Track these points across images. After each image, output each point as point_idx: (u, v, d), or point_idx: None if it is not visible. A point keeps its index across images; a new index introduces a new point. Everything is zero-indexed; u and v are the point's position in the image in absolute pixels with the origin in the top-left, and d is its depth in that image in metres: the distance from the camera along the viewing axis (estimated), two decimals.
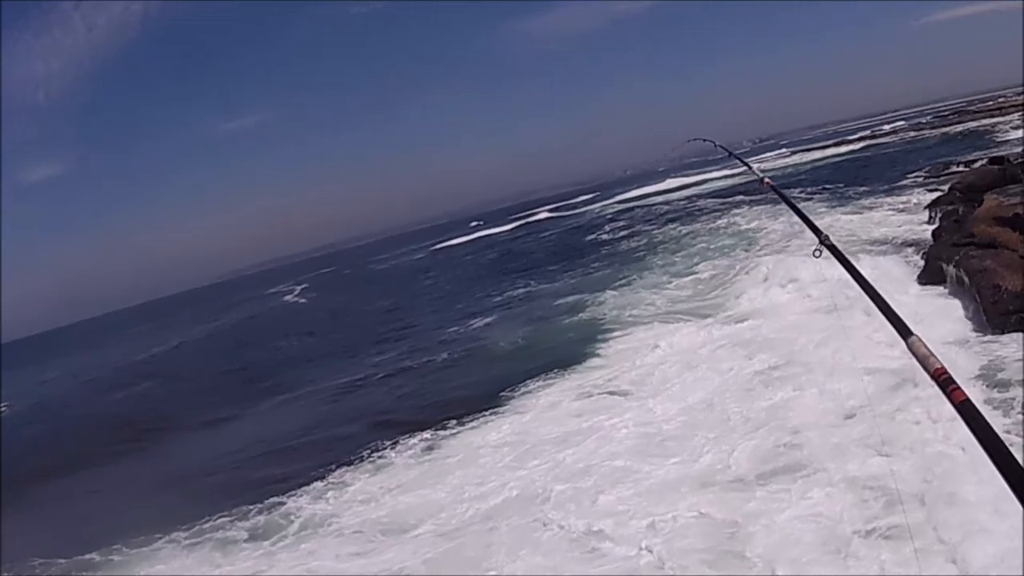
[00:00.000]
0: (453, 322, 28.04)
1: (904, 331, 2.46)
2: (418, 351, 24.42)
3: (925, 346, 2.30)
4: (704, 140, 8.76)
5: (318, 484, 13.41)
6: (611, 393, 14.35)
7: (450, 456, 13.24)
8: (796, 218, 4.88)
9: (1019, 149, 31.87)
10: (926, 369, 2.22)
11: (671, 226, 39.86)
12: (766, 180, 6.91)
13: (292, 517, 12.31)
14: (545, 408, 14.45)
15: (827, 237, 3.87)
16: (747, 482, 9.50)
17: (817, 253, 3.94)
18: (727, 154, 7.80)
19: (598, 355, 17.02)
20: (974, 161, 33.51)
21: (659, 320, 18.89)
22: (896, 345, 2.44)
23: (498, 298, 31.68)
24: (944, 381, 2.12)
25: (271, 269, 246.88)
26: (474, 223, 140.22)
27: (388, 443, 14.66)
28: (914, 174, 37.56)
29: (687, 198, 59.72)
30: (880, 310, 2.74)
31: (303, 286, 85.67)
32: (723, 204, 44.00)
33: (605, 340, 18.05)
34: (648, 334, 17.71)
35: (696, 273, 23.67)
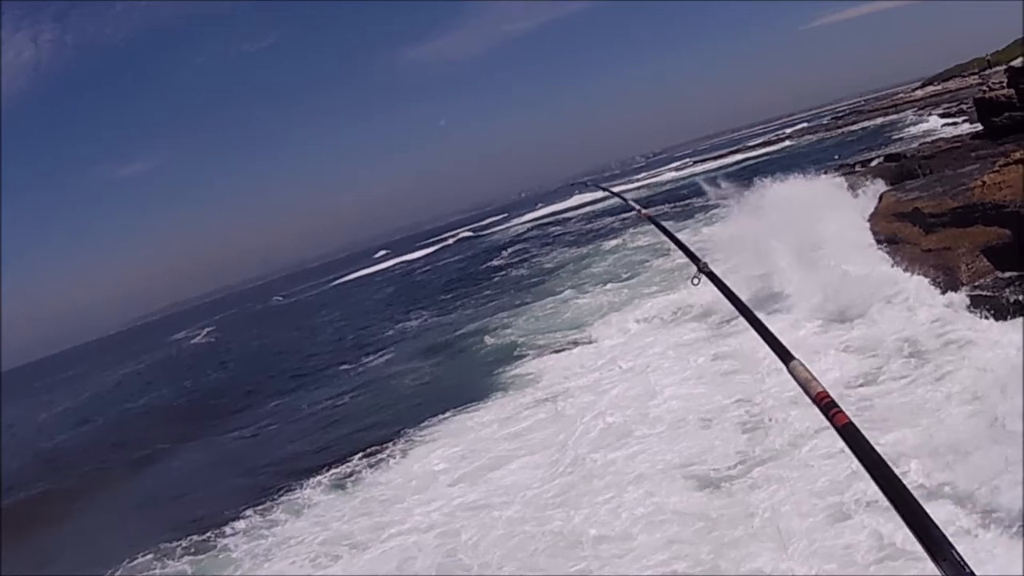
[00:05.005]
0: (352, 359, 27.91)
1: (785, 356, 2.41)
2: (320, 390, 24.13)
3: (807, 370, 2.26)
4: (585, 183, 8.88)
5: (241, 523, 12.88)
6: (530, 408, 14.24)
7: (376, 488, 12.88)
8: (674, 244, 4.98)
9: (915, 145, 32.80)
10: (807, 393, 2.18)
11: (573, 246, 40.25)
12: (643, 212, 7.14)
13: (233, 549, 11.92)
14: (458, 435, 14.12)
15: (706, 264, 4.06)
16: (712, 479, 9.42)
17: (695, 281, 4.06)
18: (606, 192, 7.97)
19: (502, 385, 16.61)
20: (871, 160, 34.22)
21: (568, 341, 18.82)
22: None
23: (392, 332, 31.77)
24: (826, 405, 2.08)
25: (175, 313, 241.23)
26: (381, 252, 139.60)
27: (302, 484, 14.19)
28: (813, 175, 38.30)
29: (589, 216, 60.08)
30: (760, 335, 2.69)
31: (209, 328, 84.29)
32: (626, 221, 44.49)
33: (511, 367, 17.79)
34: (561, 355, 17.67)
35: (605, 290, 23.62)
